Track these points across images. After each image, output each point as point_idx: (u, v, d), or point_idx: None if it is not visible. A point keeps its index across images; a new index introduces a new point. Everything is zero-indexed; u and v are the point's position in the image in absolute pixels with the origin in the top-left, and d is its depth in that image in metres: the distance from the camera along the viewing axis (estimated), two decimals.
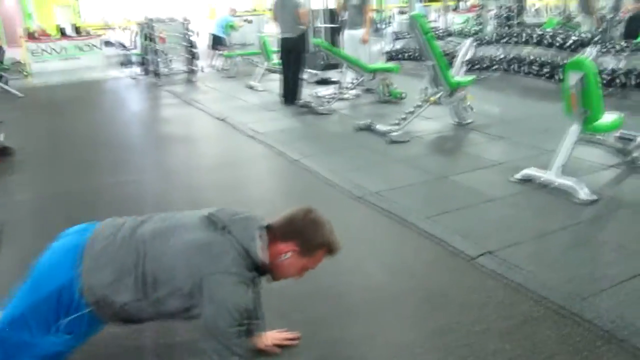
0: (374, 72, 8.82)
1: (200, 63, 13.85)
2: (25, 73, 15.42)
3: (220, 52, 14.80)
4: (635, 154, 5.03)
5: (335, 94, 8.95)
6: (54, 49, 16.85)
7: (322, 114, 8.27)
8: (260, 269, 2.26)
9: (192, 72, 13.34)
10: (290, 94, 9.15)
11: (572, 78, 4.38)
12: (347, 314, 3.07)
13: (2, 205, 5.05)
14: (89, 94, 12.39)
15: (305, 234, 2.24)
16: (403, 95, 8.81)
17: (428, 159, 5.96)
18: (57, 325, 2.15)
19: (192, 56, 13.43)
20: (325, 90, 9.56)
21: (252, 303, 2.24)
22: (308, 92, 9.45)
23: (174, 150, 7.12)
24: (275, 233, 2.27)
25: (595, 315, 2.88)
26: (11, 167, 6.43)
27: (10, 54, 15.62)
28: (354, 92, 9.41)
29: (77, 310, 2.15)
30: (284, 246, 2.25)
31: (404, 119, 6.68)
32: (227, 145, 7.40)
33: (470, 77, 7.15)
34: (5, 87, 12.17)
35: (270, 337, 2.78)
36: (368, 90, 9.49)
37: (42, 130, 8.51)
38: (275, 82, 10.03)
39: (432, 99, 6.70)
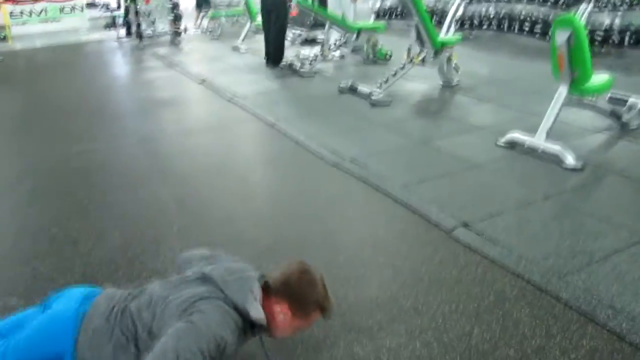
0: (359, 31, 8.47)
1: (186, 24, 13.43)
2: (3, 35, 14.95)
3: (205, 12, 14.35)
4: (626, 117, 4.76)
5: (318, 55, 8.61)
6: (33, 11, 16.29)
7: (305, 76, 7.96)
8: (255, 328, 2.09)
9: (176, 33, 12.94)
10: (273, 55, 8.83)
11: (560, 37, 4.09)
12: None
13: None
14: (70, 57, 12.02)
15: (298, 297, 2.09)
16: (389, 55, 8.48)
17: (410, 122, 5.69)
18: None
19: (176, 17, 13.02)
20: (309, 51, 9.22)
21: (234, 348, 2.00)
22: (292, 53, 9.12)
23: (150, 115, 6.84)
24: (270, 292, 2.12)
25: (572, 295, 2.67)
26: None
27: None
28: (338, 52, 9.09)
29: None
30: (278, 307, 2.09)
31: (386, 80, 6.38)
32: (205, 109, 7.13)
33: (456, 36, 6.83)
34: None
35: None
36: (354, 51, 9.17)
37: (17, 96, 8.21)
38: (260, 44, 9.68)
39: (416, 59, 6.39)
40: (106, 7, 16.88)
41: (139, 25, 13.17)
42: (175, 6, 13.04)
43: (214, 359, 1.89)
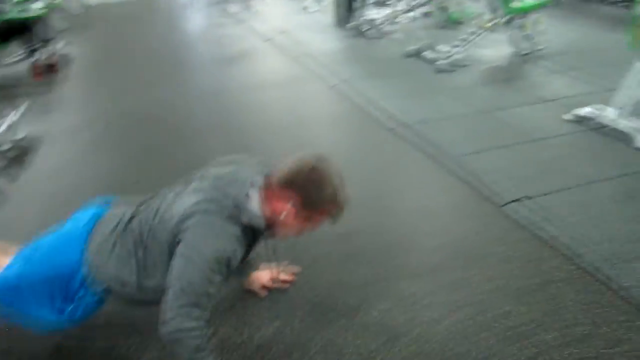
0: None
1: None
2: None
3: None
4: None
5: (389, 17, 8.37)
6: None
7: (372, 38, 7.77)
8: (255, 228, 1.98)
9: None
10: (342, 15, 8.65)
11: None
12: (354, 255, 2.82)
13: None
14: (142, 12, 12.16)
15: (306, 192, 1.91)
16: (461, 19, 8.15)
17: (474, 90, 5.45)
18: (58, 305, 2.05)
19: None
20: (378, 13, 8.97)
21: (239, 256, 1.95)
22: (362, 14, 8.90)
23: (215, 70, 6.86)
24: (274, 186, 1.97)
25: (625, 285, 2.51)
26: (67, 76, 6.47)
27: None
28: (409, 15, 8.79)
29: (83, 295, 2.05)
30: (281, 203, 1.94)
31: (455, 46, 6.14)
32: (269, 67, 7.07)
33: (533, 2, 6.47)
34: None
35: (259, 278, 2.57)
36: (426, 15, 8.86)
37: (93, 46, 8.41)
38: (329, 4, 9.50)
39: (487, 25, 6.11)
40: None
41: None
42: None
43: (224, 274, 1.89)
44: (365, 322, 2.36)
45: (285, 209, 1.94)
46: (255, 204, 1.93)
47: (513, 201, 3.23)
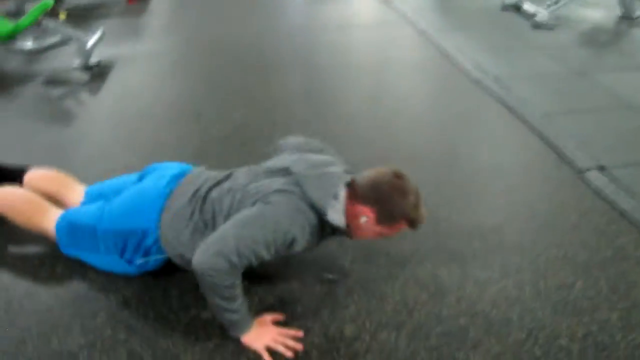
0: None
1: None
2: None
3: None
4: None
5: None
6: None
7: None
8: (333, 229, 1.98)
9: None
10: None
11: None
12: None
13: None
14: None
15: (386, 203, 1.90)
16: None
17: (571, 50, 5.09)
18: (128, 256, 2.11)
19: None
20: None
21: (306, 246, 1.94)
22: None
23: (302, 8, 6.79)
24: (356, 193, 1.95)
25: None
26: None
27: None
28: None
29: (155, 252, 2.09)
30: (362, 209, 1.92)
31: (556, 2, 5.74)
32: (358, 8, 6.91)
33: None
34: None
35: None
36: None
37: None
38: None
39: None
40: None
41: None
42: None
43: (279, 252, 1.86)
44: (415, 274, 2.28)
45: (367, 215, 1.91)
46: (340, 205, 1.91)
47: (594, 169, 3.01)
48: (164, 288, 2.18)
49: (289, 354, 1.90)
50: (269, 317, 2.03)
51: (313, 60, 4.74)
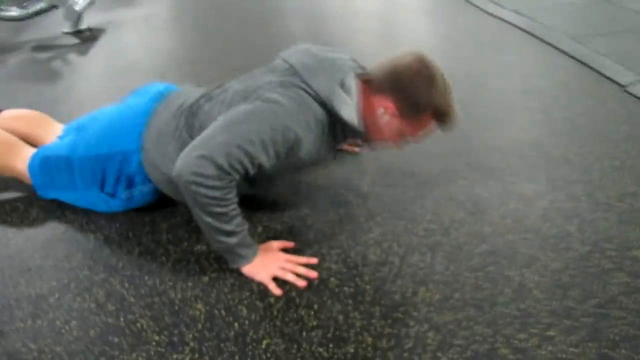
0: None
1: None
2: None
3: None
4: None
5: None
6: None
7: None
8: (347, 126, 1.57)
9: None
10: None
11: None
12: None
13: None
14: None
15: (408, 89, 1.52)
16: None
17: None
18: (109, 189, 1.78)
19: None
20: None
21: (311, 150, 1.56)
22: None
23: None
24: (371, 83, 1.57)
25: None
26: None
27: None
28: None
29: (139, 181, 1.75)
30: (379, 100, 1.56)
31: None
32: None
33: None
34: None
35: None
36: None
37: None
38: None
39: None
40: None
41: None
42: None
43: (280, 157, 1.50)
44: (448, 192, 1.94)
45: (385, 106, 1.54)
46: (352, 97, 1.54)
47: (634, 82, 2.65)
48: (151, 223, 1.85)
49: (301, 283, 1.55)
50: (275, 244, 1.68)
51: (319, 8, 4.38)
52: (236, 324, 1.42)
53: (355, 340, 1.35)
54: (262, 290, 1.53)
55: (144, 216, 1.86)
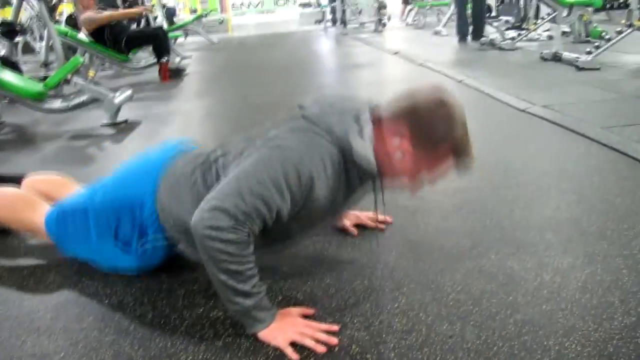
0: (571, 6, 7.43)
1: (390, 14, 13.32)
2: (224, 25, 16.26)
3: (411, 4, 14.06)
4: None
5: (523, 30, 7.78)
6: (251, 3, 17.60)
7: (506, 48, 7.24)
8: (362, 168, 1.54)
9: (379, 21, 12.77)
10: (473, 29, 8.25)
11: None
12: (470, 207, 2.32)
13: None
14: (277, 40, 12.49)
15: (424, 120, 1.48)
16: (605, 35, 7.35)
17: (623, 82, 4.71)
18: (123, 237, 1.74)
19: (381, 6, 12.86)
20: (513, 32, 8.44)
21: (325, 189, 1.50)
22: (493, 31, 8.46)
23: (339, 74, 6.76)
24: (388, 121, 1.55)
25: None
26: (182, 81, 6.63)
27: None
28: (545, 33, 8.16)
29: (152, 232, 1.72)
30: (394, 130, 1.51)
31: (598, 46, 5.45)
32: (393, 71, 6.84)
33: None
34: (204, 34, 12.54)
35: (351, 216, 2.13)
36: (565, 34, 8.17)
37: (218, 62, 8.68)
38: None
39: (637, 22, 5.36)
40: (318, 3, 17.45)
41: (344, 12, 13.39)
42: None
43: (296, 200, 1.44)
44: (479, 265, 1.84)
45: (400, 137, 1.50)
46: (366, 130, 1.51)
47: None
48: (168, 289, 1.78)
49: (320, 349, 1.44)
50: (295, 310, 1.59)
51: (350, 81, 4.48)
52: None
53: None
54: (279, 355, 1.43)
55: (161, 283, 1.81)
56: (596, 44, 5.50)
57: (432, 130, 1.47)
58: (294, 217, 1.49)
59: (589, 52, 5.44)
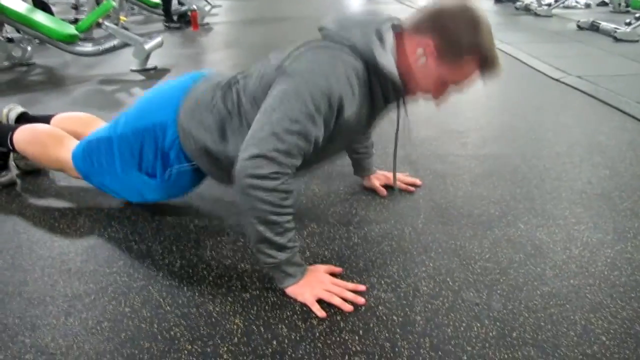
0: None
1: None
2: None
3: None
4: None
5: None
6: None
7: (541, 14, 7.05)
8: (386, 77, 1.48)
9: None
10: None
11: None
12: (501, 174, 2.29)
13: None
14: None
15: (451, 27, 1.41)
16: None
17: None
18: (147, 165, 1.76)
19: None
20: None
21: (354, 106, 1.47)
22: None
23: None
24: (409, 28, 1.49)
25: None
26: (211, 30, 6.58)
27: None
28: (583, 0, 7.95)
29: (174, 157, 1.73)
30: (417, 42, 1.45)
31: (638, 17, 5.30)
32: None
33: None
34: None
35: (380, 176, 2.13)
36: (603, 3, 7.96)
37: (248, 13, 8.64)
38: None
39: None
40: None
41: None
42: None
43: (329, 123, 1.43)
44: (508, 233, 1.83)
45: (424, 47, 1.44)
46: (388, 43, 1.46)
47: None
48: (196, 239, 1.80)
49: (347, 307, 1.45)
50: (323, 267, 1.60)
51: None
52: (274, 342, 1.33)
53: None
54: (305, 311, 1.44)
55: (189, 233, 1.82)
56: (637, 14, 5.34)
57: (457, 37, 1.41)
58: (326, 139, 1.46)
59: (629, 23, 5.30)
